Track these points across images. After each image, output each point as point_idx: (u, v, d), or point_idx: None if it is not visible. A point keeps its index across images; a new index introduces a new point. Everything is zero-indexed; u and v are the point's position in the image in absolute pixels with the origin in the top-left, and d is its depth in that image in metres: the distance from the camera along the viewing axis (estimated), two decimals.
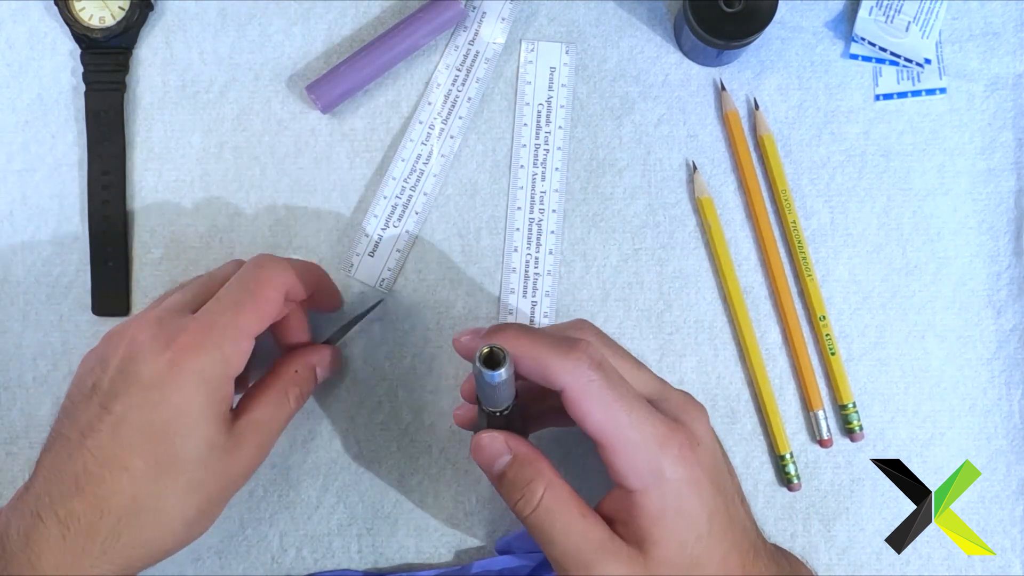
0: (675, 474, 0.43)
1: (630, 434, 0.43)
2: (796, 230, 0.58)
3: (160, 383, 0.45)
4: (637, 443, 0.43)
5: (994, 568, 0.57)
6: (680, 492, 0.43)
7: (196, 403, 0.45)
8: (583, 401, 0.43)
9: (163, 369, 0.45)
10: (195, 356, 0.45)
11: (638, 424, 0.43)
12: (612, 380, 0.44)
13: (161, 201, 0.59)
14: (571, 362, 0.43)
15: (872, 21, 0.58)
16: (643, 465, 0.43)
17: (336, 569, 0.57)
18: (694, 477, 0.44)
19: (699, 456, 0.44)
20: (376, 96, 0.59)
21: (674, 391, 0.47)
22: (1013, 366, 0.58)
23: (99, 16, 0.58)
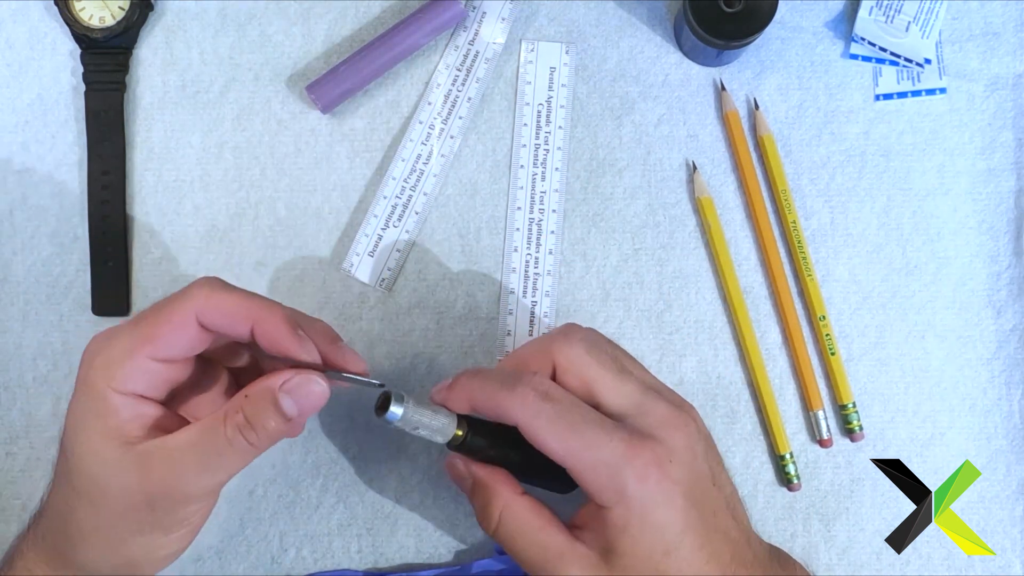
0: (638, 490, 0.44)
1: (587, 457, 0.44)
2: (796, 230, 0.58)
3: (75, 390, 0.45)
4: (596, 464, 0.44)
5: (994, 568, 0.57)
6: (645, 507, 0.44)
7: (80, 413, 0.44)
8: (535, 433, 0.45)
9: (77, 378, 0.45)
10: (87, 366, 0.45)
11: (594, 447, 0.44)
12: (562, 408, 0.45)
13: (161, 201, 0.59)
14: (517, 398, 0.45)
15: (872, 21, 0.58)
16: (606, 483, 0.44)
17: (336, 569, 0.57)
18: (662, 492, 0.44)
19: (669, 471, 0.45)
20: (376, 96, 0.59)
21: (659, 402, 0.47)
22: (1013, 366, 0.58)
23: (99, 16, 0.58)
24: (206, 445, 0.44)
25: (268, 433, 0.44)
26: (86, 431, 0.44)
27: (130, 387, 0.44)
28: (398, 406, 0.44)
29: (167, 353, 0.44)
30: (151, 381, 0.45)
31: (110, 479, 0.44)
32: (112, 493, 0.44)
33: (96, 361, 0.44)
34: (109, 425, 0.44)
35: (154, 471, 0.43)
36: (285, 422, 0.44)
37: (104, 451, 0.44)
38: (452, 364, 0.58)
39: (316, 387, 0.44)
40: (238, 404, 0.44)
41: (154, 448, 0.44)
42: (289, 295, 0.58)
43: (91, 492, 0.44)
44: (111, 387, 0.44)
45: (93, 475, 0.44)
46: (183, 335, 0.44)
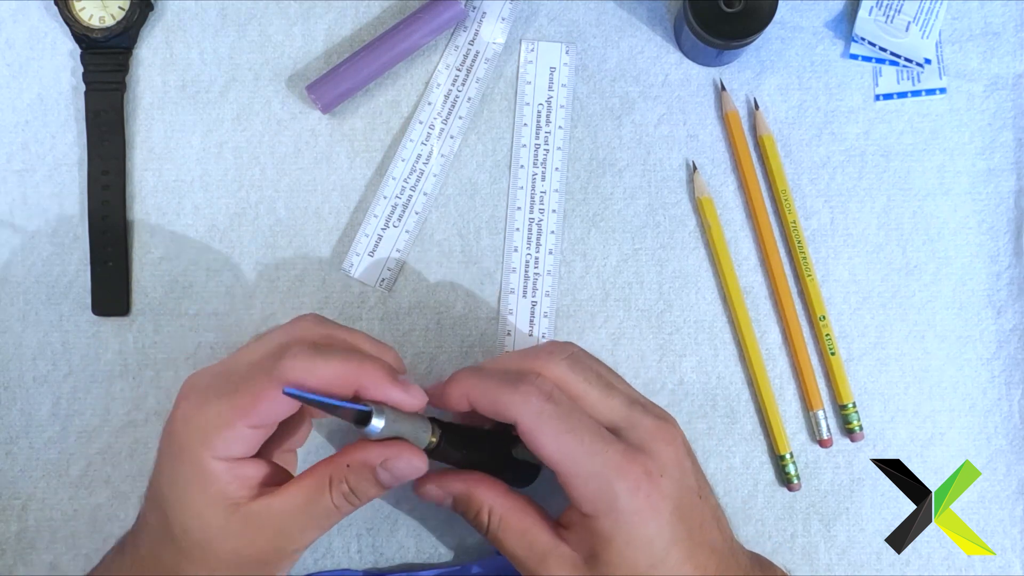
0: (629, 504, 0.44)
1: (583, 464, 0.44)
2: (796, 230, 0.58)
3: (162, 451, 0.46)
4: (589, 473, 0.44)
5: (994, 568, 0.57)
6: (633, 522, 0.44)
7: (179, 478, 0.45)
8: (534, 433, 0.45)
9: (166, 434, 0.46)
10: (183, 432, 0.45)
11: (590, 453, 0.45)
12: (564, 411, 0.45)
13: (161, 201, 0.59)
14: (520, 396, 0.45)
15: (872, 21, 0.58)
16: (596, 494, 0.44)
17: (336, 569, 0.57)
18: (652, 507, 0.44)
19: (660, 485, 0.45)
20: (376, 96, 0.59)
21: (646, 416, 0.47)
22: (1013, 366, 0.58)
23: (99, 16, 0.58)
24: (314, 508, 0.45)
25: (369, 497, 0.46)
26: (188, 497, 0.45)
27: (229, 453, 0.45)
28: (379, 419, 0.43)
29: (264, 422, 0.45)
30: (247, 444, 0.45)
31: (219, 543, 0.45)
32: (223, 556, 0.45)
33: (191, 429, 0.45)
34: (211, 491, 0.44)
35: (264, 532, 0.45)
36: (383, 489, 0.46)
37: (210, 517, 0.44)
38: (452, 364, 0.58)
39: (413, 467, 0.45)
40: (342, 474, 0.45)
41: (261, 510, 0.45)
42: (289, 295, 0.58)
43: (200, 555, 0.45)
44: (210, 455, 0.44)
45: (200, 540, 0.45)
46: (280, 409, 0.45)
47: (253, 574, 0.46)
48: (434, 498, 0.49)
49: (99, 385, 0.58)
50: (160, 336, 0.58)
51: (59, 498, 0.58)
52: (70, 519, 0.58)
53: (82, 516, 0.58)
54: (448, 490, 0.49)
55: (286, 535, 0.45)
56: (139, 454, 0.58)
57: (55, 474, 0.58)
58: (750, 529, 0.58)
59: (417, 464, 0.45)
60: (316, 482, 0.45)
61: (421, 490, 0.49)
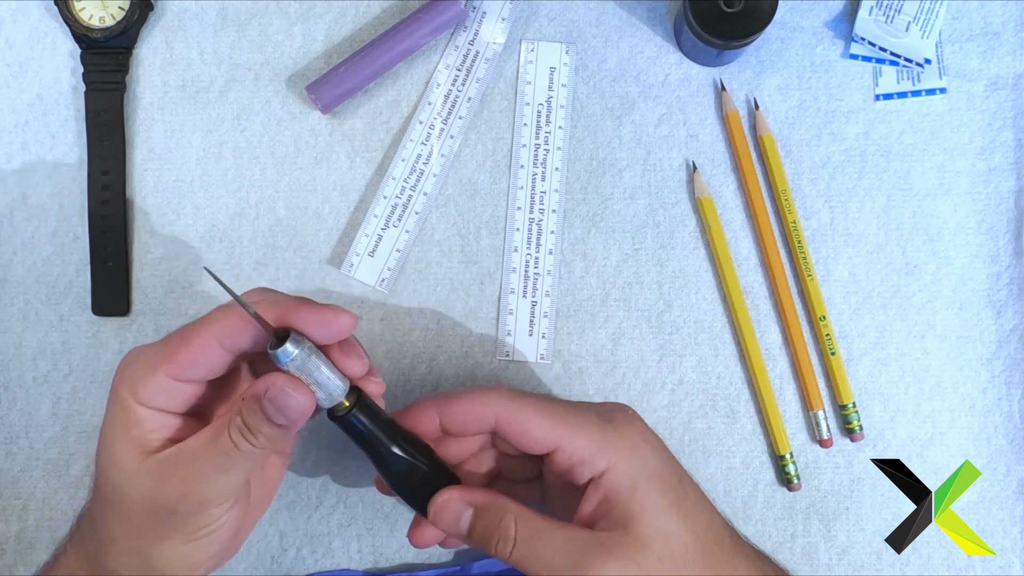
0: (632, 439, 0.46)
1: (574, 420, 0.46)
2: (796, 230, 0.58)
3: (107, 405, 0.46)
4: (584, 425, 0.46)
5: (994, 568, 0.57)
6: (644, 456, 0.46)
7: (108, 424, 0.45)
8: (518, 417, 0.46)
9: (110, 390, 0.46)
10: (117, 379, 0.45)
11: (577, 411, 0.47)
12: (533, 395, 0.48)
13: (161, 201, 0.59)
14: (492, 393, 0.47)
15: (872, 21, 0.58)
16: (599, 441, 0.46)
17: (336, 569, 0.57)
18: (650, 442, 0.47)
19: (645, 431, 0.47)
20: (376, 96, 0.59)
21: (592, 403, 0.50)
22: (1013, 366, 0.58)
23: (99, 16, 0.58)
24: (215, 448, 0.44)
25: (266, 436, 0.44)
26: (112, 442, 0.45)
27: (151, 401, 0.45)
28: (293, 345, 0.42)
29: (188, 375, 0.45)
30: (173, 398, 0.45)
31: (131, 487, 0.44)
32: (134, 501, 0.44)
33: (124, 374, 0.45)
34: (132, 435, 0.45)
35: (170, 478, 0.44)
36: (277, 428, 0.43)
37: (125, 461, 0.44)
38: (452, 364, 0.58)
39: (292, 400, 0.43)
40: (237, 408, 0.44)
41: (170, 455, 0.44)
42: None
43: (115, 500, 0.45)
44: (135, 400, 0.44)
45: (116, 484, 0.45)
46: (203, 358, 0.45)
47: (168, 527, 0.45)
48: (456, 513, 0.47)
49: (99, 385, 0.58)
50: (160, 336, 0.58)
51: (59, 498, 0.58)
52: (70, 519, 0.57)
53: None
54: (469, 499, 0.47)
55: (192, 479, 0.44)
56: None
57: (55, 474, 0.58)
58: (750, 529, 0.58)
59: (302, 400, 0.43)
60: (219, 423, 0.44)
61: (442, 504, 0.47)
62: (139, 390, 0.44)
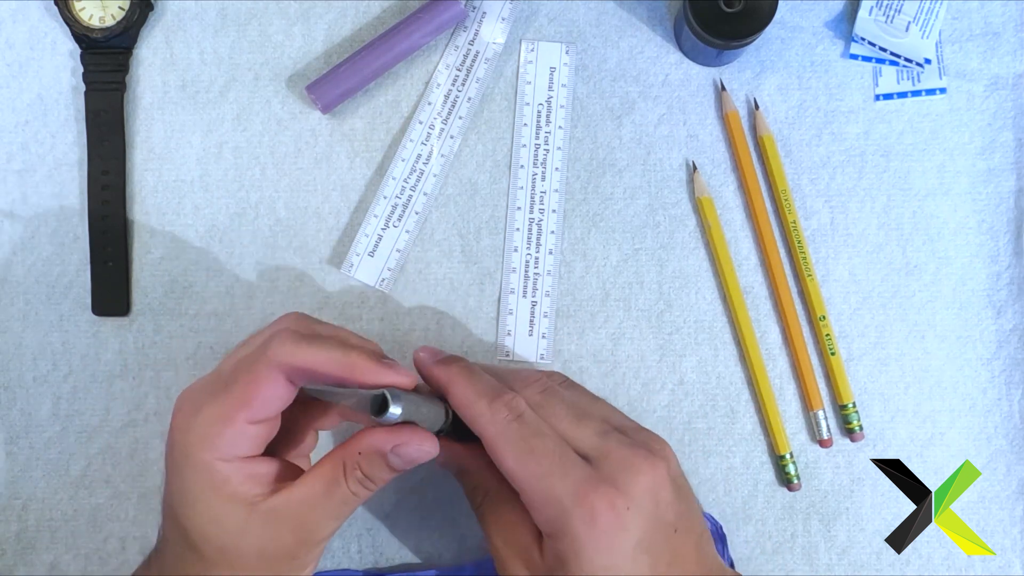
0: (584, 534, 0.43)
1: (539, 487, 0.44)
2: (796, 230, 0.58)
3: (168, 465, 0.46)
4: (546, 498, 0.44)
5: (994, 568, 0.57)
6: (587, 551, 0.43)
7: (191, 487, 0.45)
8: (496, 449, 0.45)
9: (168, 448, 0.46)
10: (183, 439, 0.45)
11: (548, 478, 0.44)
12: (529, 431, 0.45)
13: (161, 201, 0.59)
14: (490, 411, 0.45)
15: (872, 21, 0.58)
16: (552, 516, 0.44)
17: (336, 569, 0.57)
18: (608, 539, 0.43)
19: (623, 518, 0.43)
20: (376, 96, 0.59)
21: (621, 446, 0.46)
22: (1013, 366, 0.58)
23: (99, 16, 0.58)
24: (333, 497, 0.45)
25: (383, 481, 0.46)
26: (203, 504, 0.45)
27: (234, 453, 0.45)
28: (395, 405, 0.43)
29: (263, 414, 0.45)
30: (251, 442, 0.45)
31: (243, 541, 0.45)
32: (249, 554, 0.45)
33: (192, 436, 0.45)
34: (226, 494, 0.44)
35: (286, 525, 0.45)
36: (395, 472, 0.46)
37: (228, 520, 0.44)
38: None
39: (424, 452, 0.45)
40: (355, 461, 0.45)
41: (279, 505, 0.45)
42: (289, 295, 0.58)
43: (225, 559, 0.45)
44: (216, 458, 0.44)
45: (222, 545, 0.45)
46: (275, 395, 0.45)
47: (281, 571, 0.46)
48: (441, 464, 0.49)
49: (99, 385, 0.58)
50: (160, 336, 0.58)
51: (59, 498, 0.58)
52: (70, 519, 0.58)
53: (82, 516, 0.58)
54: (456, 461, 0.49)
55: (308, 526, 0.45)
56: (139, 454, 0.58)
57: (55, 474, 0.58)
58: (750, 529, 0.58)
59: (428, 448, 0.45)
60: (332, 470, 0.45)
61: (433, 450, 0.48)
62: (218, 445, 0.44)
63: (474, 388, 0.46)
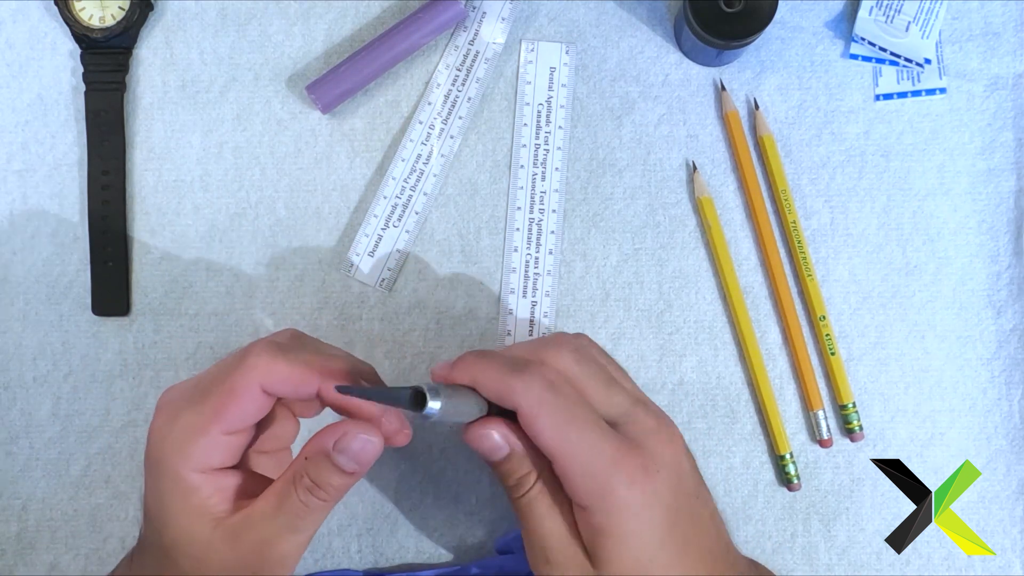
0: (623, 496, 0.43)
1: (579, 453, 0.44)
2: (796, 230, 0.58)
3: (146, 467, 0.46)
4: (585, 463, 0.44)
5: (994, 568, 0.57)
6: (626, 516, 0.44)
7: (162, 496, 0.45)
8: (535, 420, 0.44)
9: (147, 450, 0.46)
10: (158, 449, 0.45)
11: (588, 445, 0.44)
12: (564, 400, 0.45)
13: (161, 201, 0.59)
14: (522, 383, 0.44)
15: (872, 21, 0.58)
16: (591, 485, 0.44)
17: (336, 569, 0.57)
18: (645, 500, 0.44)
19: (655, 482, 0.44)
20: (376, 96, 0.59)
21: (648, 414, 0.47)
22: (1013, 366, 0.58)
23: (99, 16, 0.58)
24: (286, 511, 0.45)
25: (336, 488, 0.45)
26: (174, 514, 0.45)
27: (206, 463, 0.45)
28: (435, 400, 0.42)
29: (237, 425, 0.45)
30: (224, 453, 0.45)
31: (208, 557, 0.45)
32: (214, 568, 0.45)
33: (167, 443, 0.45)
34: (193, 505, 0.45)
35: (246, 544, 0.45)
36: (347, 476, 0.45)
37: (196, 532, 0.45)
38: None
39: (367, 444, 0.44)
40: (302, 468, 0.44)
41: (240, 522, 0.45)
42: (289, 295, 0.58)
43: (195, 567, 0.45)
44: (188, 467, 0.44)
45: (192, 555, 0.45)
46: (250, 406, 0.45)
47: None
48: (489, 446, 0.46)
49: (99, 385, 0.58)
50: (160, 336, 0.58)
51: (59, 498, 0.58)
52: (70, 519, 0.58)
53: (82, 516, 0.58)
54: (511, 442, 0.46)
55: (267, 543, 0.45)
56: (139, 454, 0.58)
57: (55, 474, 0.58)
58: (750, 529, 0.58)
59: (370, 439, 0.44)
60: (284, 484, 0.45)
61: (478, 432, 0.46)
62: (192, 455, 0.44)
63: (499, 367, 0.46)
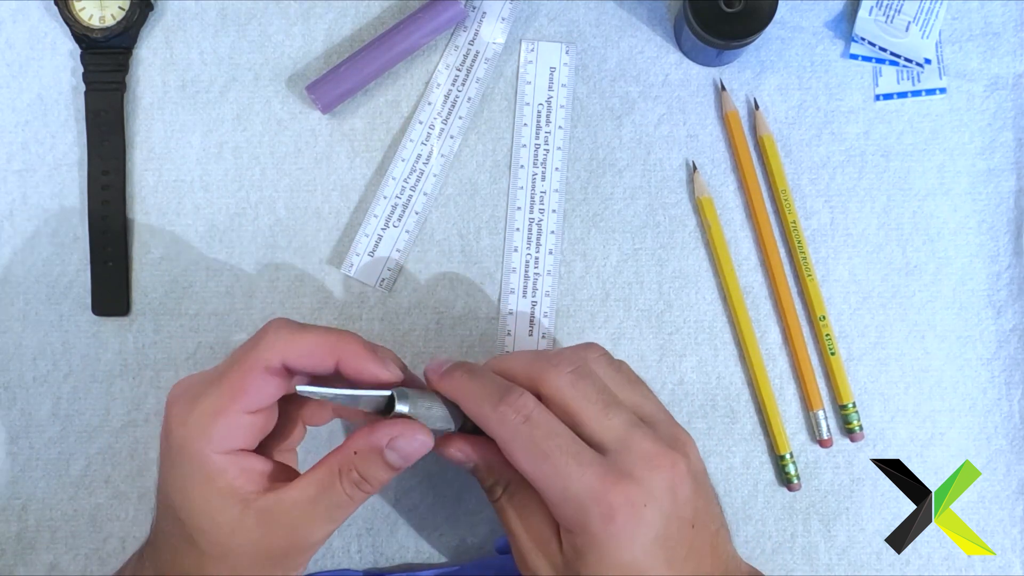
0: (603, 530, 0.43)
1: (553, 486, 0.44)
2: (796, 230, 0.58)
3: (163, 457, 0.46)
4: (563, 497, 0.44)
5: (994, 568, 0.57)
6: (607, 547, 0.43)
7: (186, 479, 0.45)
8: (511, 454, 0.45)
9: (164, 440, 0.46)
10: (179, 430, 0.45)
11: (563, 478, 0.44)
12: (540, 434, 0.45)
13: (161, 201, 0.59)
14: (497, 415, 0.45)
15: (872, 21, 0.58)
16: (570, 516, 0.44)
17: (336, 569, 0.57)
18: (627, 535, 0.43)
19: (640, 514, 0.43)
20: (376, 96, 0.59)
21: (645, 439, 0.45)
22: (1013, 366, 0.58)
23: (99, 16, 0.58)
24: (327, 500, 0.45)
25: (380, 482, 0.45)
26: (199, 496, 0.45)
27: (229, 444, 0.45)
28: (402, 404, 0.43)
29: (258, 404, 0.45)
30: (246, 434, 0.45)
31: (236, 538, 0.45)
32: (242, 550, 0.45)
33: (188, 428, 0.45)
34: (220, 487, 0.44)
35: (278, 527, 0.45)
36: (393, 472, 0.45)
37: (223, 513, 0.44)
38: None
39: (423, 446, 0.45)
40: (350, 462, 0.45)
41: (273, 504, 0.45)
42: (289, 295, 0.58)
43: (220, 553, 0.45)
44: (212, 450, 0.44)
45: (218, 538, 0.45)
46: (270, 384, 0.45)
47: (273, 569, 0.46)
48: (457, 460, 0.48)
49: (99, 385, 0.58)
50: (160, 336, 0.58)
51: (59, 498, 0.58)
52: (70, 519, 0.58)
53: (82, 516, 0.58)
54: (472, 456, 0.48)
55: (301, 529, 0.45)
56: (139, 454, 0.58)
57: (55, 474, 0.58)
58: (750, 529, 0.58)
59: (424, 440, 0.45)
60: (327, 473, 0.45)
61: (445, 451, 0.48)
62: (214, 437, 0.44)
63: (477, 394, 0.46)
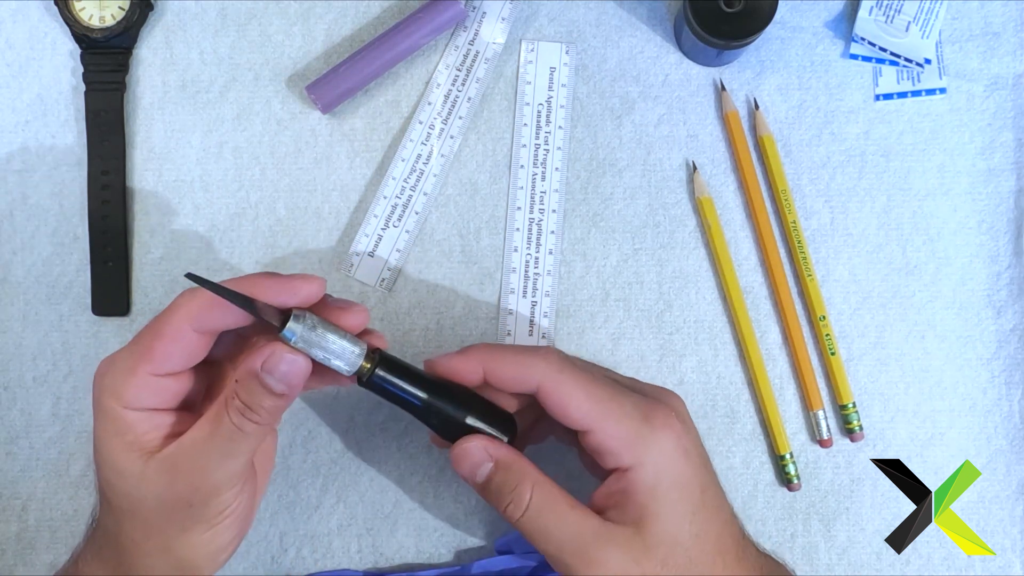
0: (665, 443, 0.45)
1: (613, 408, 0.45)
2: (796, 230, 0.58)
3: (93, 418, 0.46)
4: (621, 417, 0.45)
5: (994, 568, 0.57)
6: (673, 461, 0.45)
7: (100, 434, 0.45)
8: (560, 390, 0.46)
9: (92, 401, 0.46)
10: (97, 388, 0.45)
11: (619, 399, 0.46)
12: (583, 368, 0.47)
13: (161, 201, 0.59)
14: (540, 360, 0.46)
15: (872, 21, 0.58)
16: (632, 437, 0.45)
17: (336, 569, 0.57)
18: (683, 447, 0.46)
19: (686, 425, 0.47)
20: (376, 96, 0.59)
21: (647, 385, 0.50)
22: (1013, 366, 0.58)
23: (99, 16, 0.58)
24: (218, 435, 0.44)
25: (268, 410, 0.44)
26: (110, 451, 0.45)
27: (139, 403, 0.45)
28: (296, 322, 0.42)
29: (167, 367, 0.45)
30: (159, 395, 0.45)
31: (142, 491, 0.45)
32: (148, 503, 0.45)
33: (104, 383, 0.45)
34: (128, 441, 0.45)
35: (179, 472, 0.44)
36: (277, 398, 0.44)
37: (129, 467, 0.45)
38: None
39: (293, 364, 0.43)
40: (232, 390, 0.44)
41: (172, 452, 0.45)
42: None
43: (128, 506, 0.45)
44: (121, 405, 0.44)
45: (126, 491, 0.45)
46: (179, 346, 0.45)
47: (183, 521, 0.45)
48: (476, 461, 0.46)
49: None
50: None
51: (59, 498, 0.58)
52: (70, 519, 0.58)
53: (82, 516, 0.58)
54: (493, 452, 0.46)
55: (200, 470, 0.44)
56: None
57: (55, 474, 0.58)
58: (750, 529, 0.57)
59: (294, 359, 0.43)
60: (217, 408, 0.44)
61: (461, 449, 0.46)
62: (123, 394, 0.44)
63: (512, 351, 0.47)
